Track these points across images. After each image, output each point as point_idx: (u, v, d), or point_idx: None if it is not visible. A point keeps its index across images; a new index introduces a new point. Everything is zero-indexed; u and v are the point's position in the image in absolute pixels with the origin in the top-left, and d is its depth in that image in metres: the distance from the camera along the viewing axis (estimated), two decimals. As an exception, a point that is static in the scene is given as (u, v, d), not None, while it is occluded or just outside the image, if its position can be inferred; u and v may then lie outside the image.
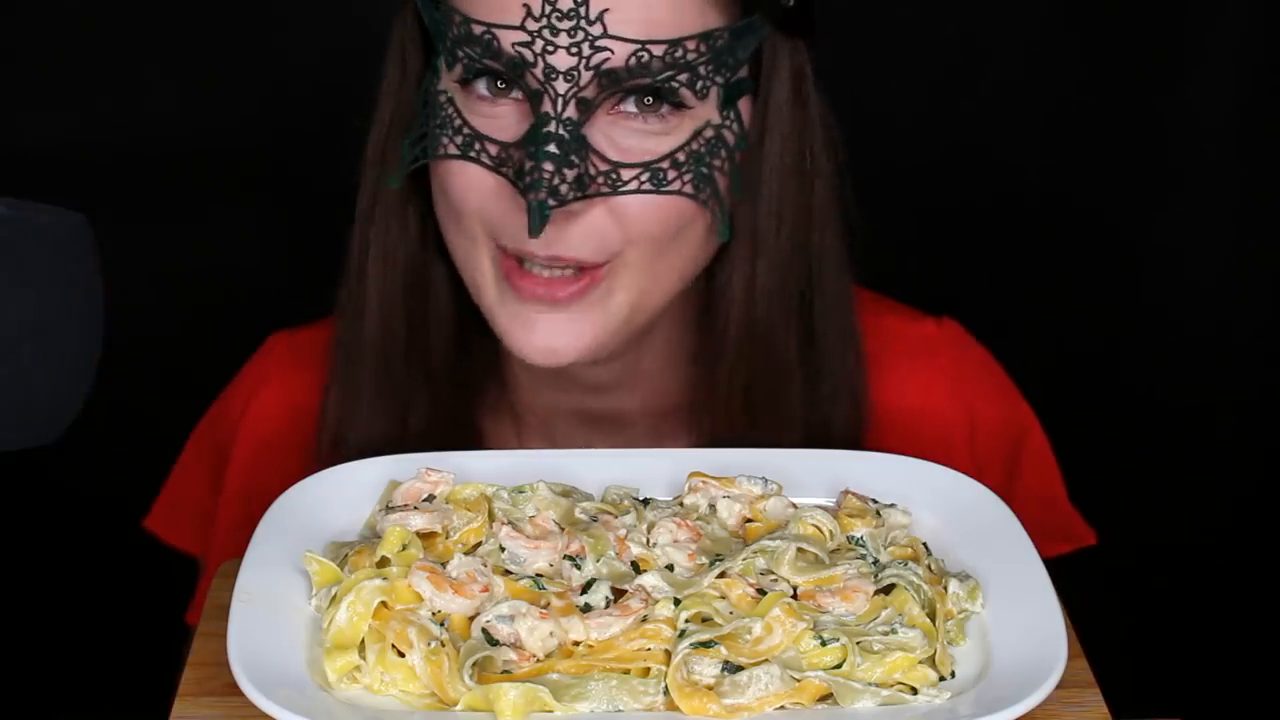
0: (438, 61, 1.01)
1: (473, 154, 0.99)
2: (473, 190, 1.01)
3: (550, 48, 0.96)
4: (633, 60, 0.96)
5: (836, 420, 1.12)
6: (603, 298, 1.03)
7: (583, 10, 0.95)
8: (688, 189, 0.99)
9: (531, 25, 0.96)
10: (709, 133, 1.00)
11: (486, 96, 1.00)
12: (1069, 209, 1.75)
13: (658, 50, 0.97)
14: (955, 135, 1.71)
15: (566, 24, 0.95)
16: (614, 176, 0.98)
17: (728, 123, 1.01)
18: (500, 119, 1.00)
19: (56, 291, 0.86)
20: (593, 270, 1.02)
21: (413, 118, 1.04)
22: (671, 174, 0.99)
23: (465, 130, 1.00)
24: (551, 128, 0.96)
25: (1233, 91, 1.70)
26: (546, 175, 0.96)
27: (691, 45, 0.97)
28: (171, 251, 1.68)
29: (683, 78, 0.98)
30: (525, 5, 0.96)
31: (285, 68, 1.62)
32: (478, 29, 0.97)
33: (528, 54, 0.96)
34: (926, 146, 1.70)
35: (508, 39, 0.97)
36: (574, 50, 0.96)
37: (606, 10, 0.95)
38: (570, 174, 0.96)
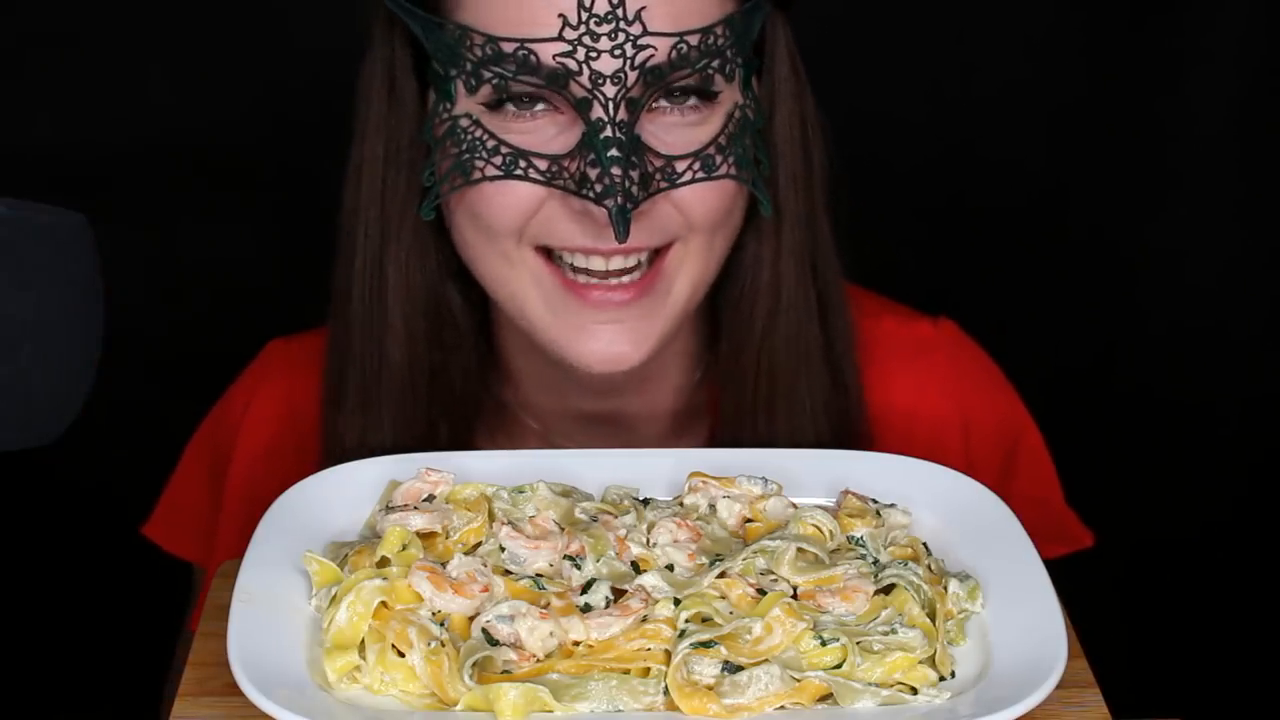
0: (449, 86, 0.99)
1: (519, 172, 0.99)
2: (518, 208, 1.01)
3: (593, 53, 0.96)
4: (673, 54, 0.97)
5: (842, 412, 1.12)
6: (663, 294, 1.04)
7: (620, 11, 0.95)
8: (733, 171, 1.01)
9: (570, 34, 0.95)
10: (738, 114, 1.01)
11: (520, 113, 0.99)
12: (1069, 209, 1.75)
13: (693, 40, 0.97)
14: (954, 135, 1.71)
15: (606, 27, 0.95)
16: (670, 170, 0.99)
17: (748, 102, 1.02)
18: (538, 132, 0.99)
19: (56, 291, 0.86)
20: (656, 261, 1.03)
21: (413, 148, 1.04)
22: (719, 159, 1.00)
23: (504, 150, 0.99)
24: (609, 132, 0.96)
25: (1233, 92, 1.70)
26: (617, 179, 0.96)
27: (719, 30, 0.98)
28: (171, 251, 1.68)
29: (715, 64, 0.99)
30: (561, 15, 0.95)
31: (284, 67, 1.62)
32: (509, 46, 0.96)
33: (570, 63, 0.96)
34: (925, 145, 1.70)
35: (546, 51, 0.96)
36: (617, 53, 0.96)
37: (643, 8, 0.96)
38: (635, 174, 0.97)
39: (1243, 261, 1.76)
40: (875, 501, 0.95)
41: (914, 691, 0.81)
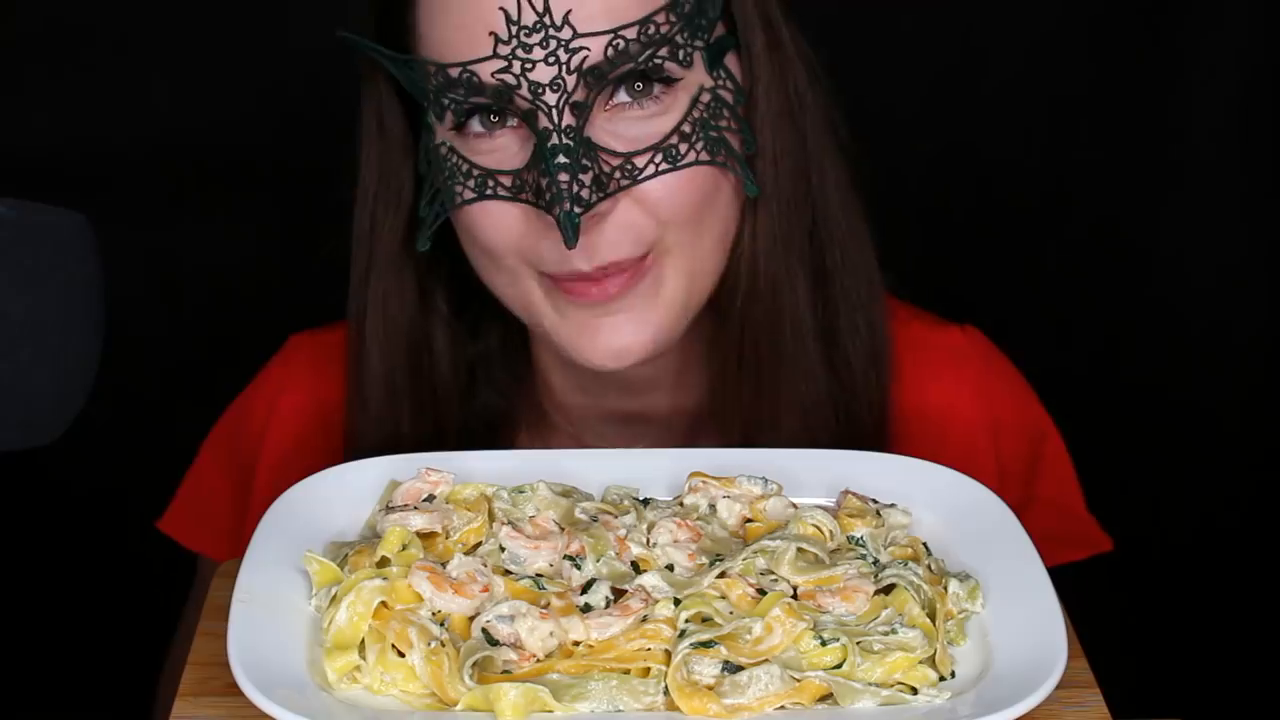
0: (428, 118, 1.01)
1: (489, 192, 1.00)
2: (501, 227, 1.02)
3: (528, 65, 0.96)
4: (610, 50, 0.97)
5: (842, 401, 1.12)
6: (654, 289, 1.03)
7: (547, 19, 0.95)
8: (703, 156, 1.00)
9: (503, 50, 0.96)
10: (706, 97, 1.00)
11: (483, 133, 1.00)
12: (1070, 208, 1.75)
13: (630, 34, 0.97)
14: (956, 135, 1.71)
15: (536, 37, 0.96)
16: (629, 167, 0.99)
17: (721, 82, 1.01)
18: (502, 150, 1.00)
19: (56, 291, 0.86)
20: (638, 262, 1.02)
21: (400, 184, 1.06)
22: (683, 147, 1.00)
23: (475, 173, 1.00)
24: (555, 140, 0.97)
25: (1235, 91, 1.70)
26: (564, 185, 0.96)
27: (661, 18, 0.98)
28: (172, 251, 1.68)
29: (663, 52, 0.98)
30: (491, 33, 0.96)
31: (284, 67, 1.62)
32: (454, 71, 0.98)
33: (509, 78, 0.97)
34: (926, 146, 1.70)
35: (485, 70, 0.97)
36: (551, 59, 0.96)
37: (570, 11, 0.96)
38: (586, 177, 0.97)
39: (1245, 261, 1.76)
40: (875, 501, 0.95)
41: (914, 691, 0.81)
